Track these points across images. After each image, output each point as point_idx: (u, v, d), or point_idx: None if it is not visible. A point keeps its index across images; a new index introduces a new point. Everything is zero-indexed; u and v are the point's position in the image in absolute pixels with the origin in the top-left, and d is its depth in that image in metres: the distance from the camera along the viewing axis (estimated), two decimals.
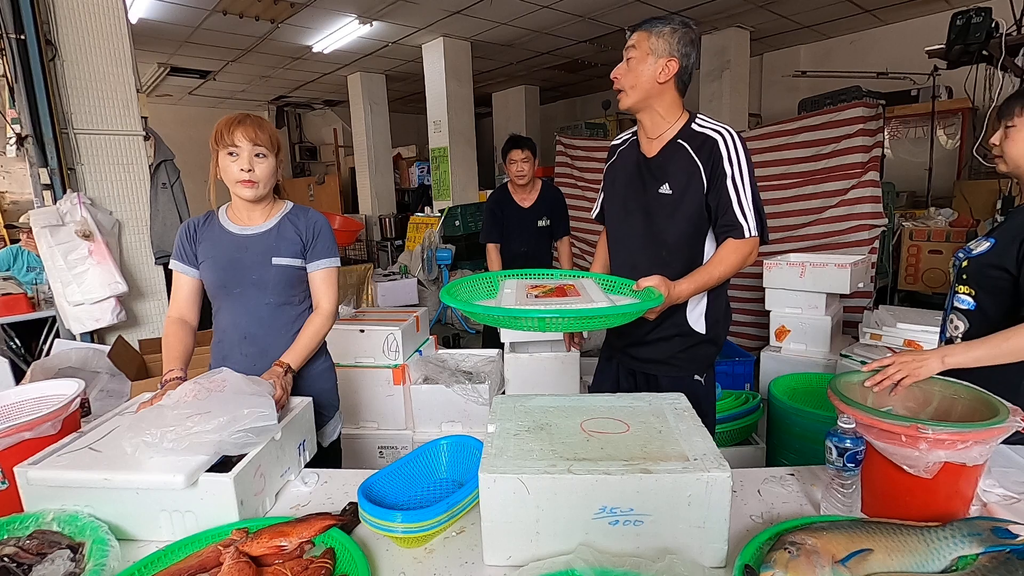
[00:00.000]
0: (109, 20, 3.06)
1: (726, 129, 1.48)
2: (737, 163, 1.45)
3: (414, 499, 1.13)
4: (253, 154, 1.45)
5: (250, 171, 1.44)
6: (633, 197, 1.58)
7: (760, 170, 3.98)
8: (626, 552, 0.88)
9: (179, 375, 1.43)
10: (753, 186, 1.46)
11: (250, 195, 1.48)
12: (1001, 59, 3.00)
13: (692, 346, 1.56)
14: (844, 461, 0.97)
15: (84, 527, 0.98)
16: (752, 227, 1.44)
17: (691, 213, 1.49)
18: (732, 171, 1.44)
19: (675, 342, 1.56)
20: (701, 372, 1.59)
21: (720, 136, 1.46)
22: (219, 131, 1.44)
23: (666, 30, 1.43)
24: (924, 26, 6.22)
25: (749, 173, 1.45)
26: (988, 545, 0.85)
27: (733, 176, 1.44)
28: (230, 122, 1.44)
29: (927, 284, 4.36)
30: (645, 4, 5.73)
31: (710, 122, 1.50)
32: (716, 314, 1.56)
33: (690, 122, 1.51)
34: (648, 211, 1.55)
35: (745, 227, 1.43)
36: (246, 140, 1.43)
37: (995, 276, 1.28)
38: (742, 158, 1.45)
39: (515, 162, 3.07)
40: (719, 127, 1.48)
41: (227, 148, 1.43)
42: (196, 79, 7.89)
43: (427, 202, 7.72)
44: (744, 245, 1.45)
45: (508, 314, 1.22)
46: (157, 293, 3.32)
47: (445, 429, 2.48)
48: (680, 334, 1.55)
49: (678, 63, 1.45)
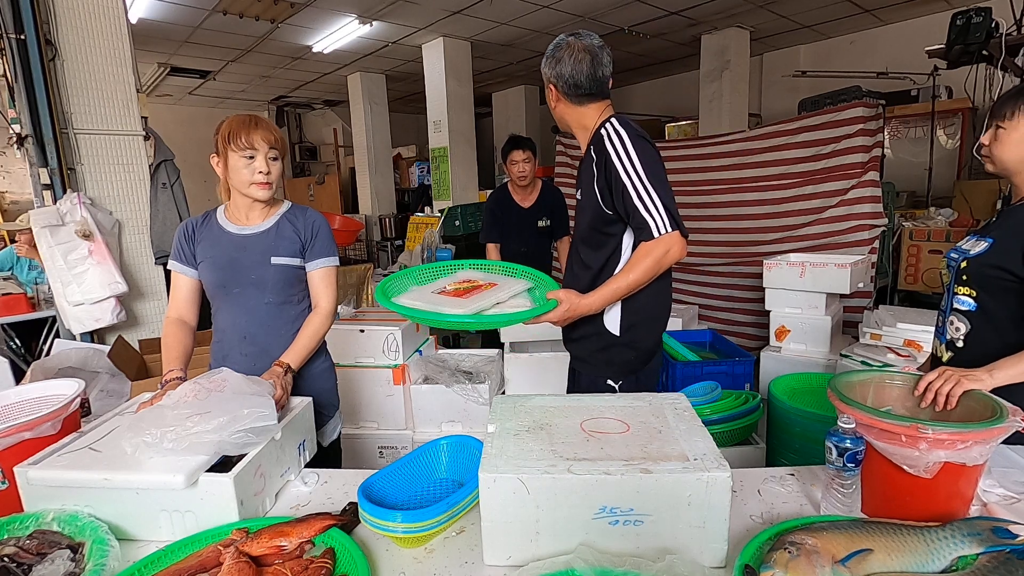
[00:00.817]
0: (109, 20, 3.06)
1: (613, 124, 1.46)
2: (628, 159, 1.41)
3: (414, 499, 1.13)
4: (268, 156, 1.46)
5: (267, 173, 1.46)
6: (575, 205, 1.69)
7: (760, 170, 3.99)
8: (626, 552, 0.88)
9: (179, 375, 1.43)
10: (654, 178, 1.40)
11: (264, 196, 1.49)
12: (1001, 59, 3.00)
13: (606, 348, 1.57)
14: (844, 461, 0.97)
15: (84, 527, 0.98)
16: (661, 224, 1.38)
17: (591, 217, 1.54)
18: (624, 167, 1.41)
19: (592, 341, 1.59)
20: (617, 378, 1.58)
21: (605, 132, 1.46)
22: (233, 133, 1.44)
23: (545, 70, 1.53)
24: (924, 26, 6.22)
25: (648, 165, 1.40)
26: (988, 545, 0.85)
27: (627, 171, 1.41)
28: (245, 124, 1.45)
29: (927, 284, 4.36)
30: (645, 4, 5.73)
31: (612, 121, 1.48)
32: (632, 318, 1.53)
33: (603, 124, 1.50)
34: (575, 216, 1.67)
35: (653, 226, 1.38)
36: (264, 143, 1.45)
37: (997, 277, 1.27)
38: (632, 151, 1.41)
39: (516, 163, 3.07)
40: (609, 124, 1.47)
41: (244, 151, 1.44)
42: (196, 79, 7.88)
43: (427, 202, 7.71)
44: (656, 245, 1.39)
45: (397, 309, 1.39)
46: (157, 293, 3.32)
47: (445, 429, 2.48)
48: (596, 333, 1.57)
49: (554, 85, 1.54)
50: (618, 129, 1.45)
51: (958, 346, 1.35)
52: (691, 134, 7.32)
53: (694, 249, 4.41)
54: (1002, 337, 1.27)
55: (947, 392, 1.09)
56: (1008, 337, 1.26)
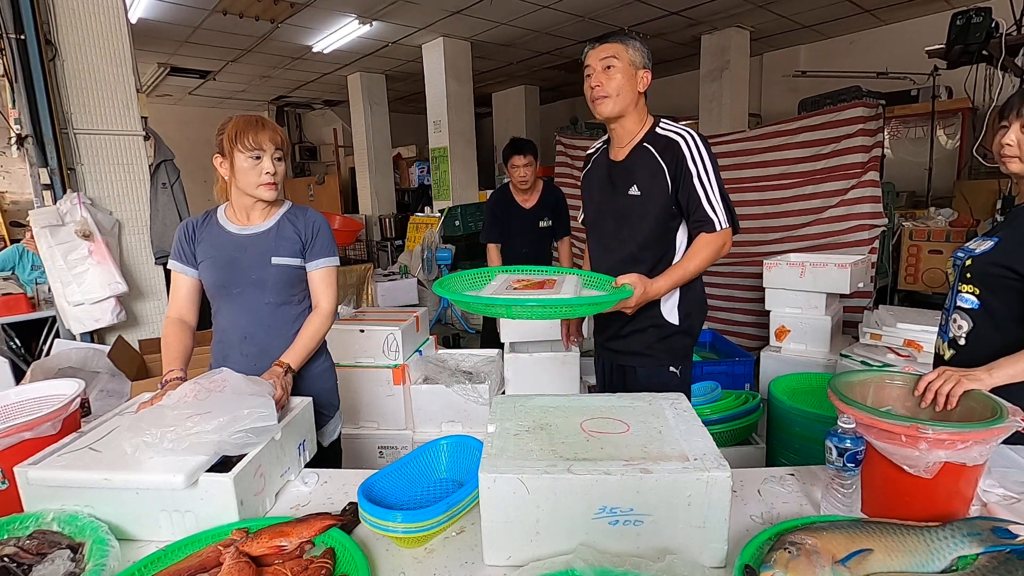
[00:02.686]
0: (109, 20, 3.06)
1: (688, 132, 1.57)
2: (701, 162, 1.53)
3: (414, 499, 1.13)
4: (275, 157, 1.47)
5: (274, 174, 1.47)
6: (605, 201, 1.69)
7: (760, 170, 3.98)
8: (626, 552, 0.88)
9: (179, 375, 1.43)
10: (719, 181, 1.55)
11: (272, 196, 1.50)
12: (1001, 59, 3.00)
13: (666, 337, 1.64)
14: (844, 461, 0.97)
15: (84, 527, 0.98)
16: (722, 220, 1.53)
17: (658, 211, 1.58)
18: (697, 169, 1.53)
19: (650, 333, 1.65)
20: (676, 364, 1.67)
21: (682, 138, 1.55)
22: (240, 133, 1.43)
23: (637, 44, 1.55)
24: (924, 26, 6.22)
25: (714, 170, 1.54)
26: (988, 545, 0.85)
27: (699, 174, 1.53)
28: (252, 125, 1.45)
29: (927, 284, 4.36)
30: (645, 4, 5.73)
31: (673, 126, 1.60)
32: (688, 306, 1.65)
33: (654, 126, 1.61)
34: (620, 212, 1.65)
35: (716, 220, 1.52)
36: (271, 143, 1.45)
37: (1001, 276, 1.27)
38: (705, 157, 1.54)
39: (517, 168, 3.06)
40: (681, 130, 1.58)
41: (251, 151, 1.44)
42: (196, 79, 7.88)
43: (427, 202, 7.71)
44: (716, 238, 1.53)
45: (482, 301, 1.34)
46: (157, 293, 3.32)
47: (445, 429, 2.48)
48: (654, 325, 1.64)
49: (650, 74, 1.59)
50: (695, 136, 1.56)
51: (960, 344, 1.35)
52: None
53: None
54: (1004, 336, 1.27)
55: (947, 392, 1.09)
56: (1010, 335, 1.26)
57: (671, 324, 1.63)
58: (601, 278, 1.57)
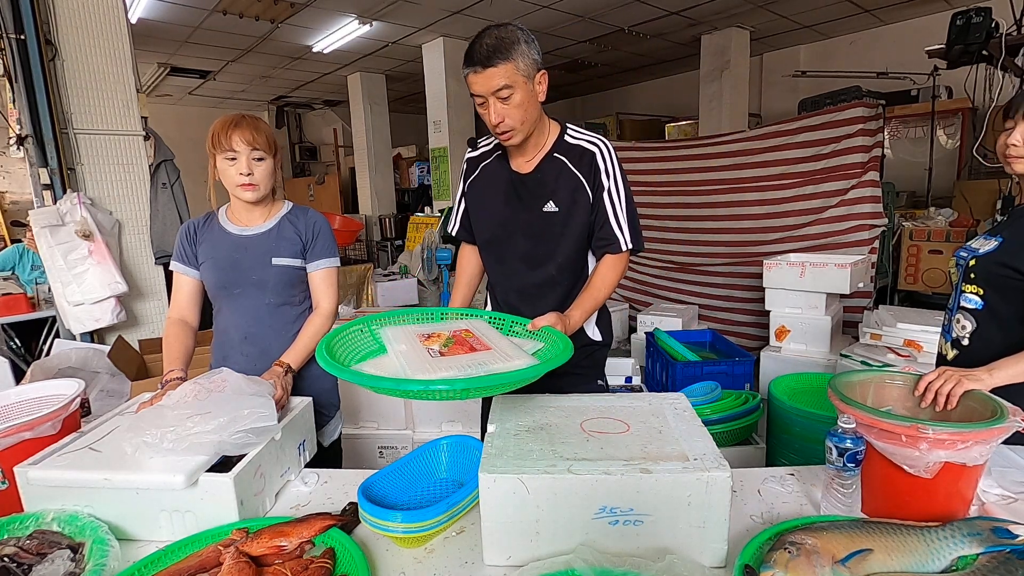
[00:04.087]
0: (109, 20, 3.06)
1: (601, 140, 1.44)
2: (613, 176, 1.41)
3: (414, 499, 1.13)
4: (252, 157, 1.44)
5: (249, 175, 1.44)
6: (511, 217, 1.49)
7: (760, 170, 3.98)
8: (626, 552, 0.88)
9: (179, 375, 1.43)
10: (628, 196, 1.43)
11: (251, 197, 1.48)
12: (1001, 59, 3.01)
13: (592, 354, 1.60)
14: (844, 461, 0.97)
15: (84, 527, 0.98)
16: (627, 240, 1.42)
17: (580, 229, 1.44)
18: (609, 184, 1.41)
19: (579, 353, 1.49)
20: (600, 376, 1.64)
21: (596, 148, 1.42)
22: (215, 135, 1.43)
23: (522, 45, 1.29)
24: (924, 26, 6.22)
25: (624, 184, 1.43)
26: (988, 545, 0.85)
27: (610, 189, 1.41)
28: (226, 125, 1.43)
29: (927, 284, 4.36)
30: (645, 4, 5.73)
31: (584, 133, 1.46)
32: (604, 320, 1.61)
33: (562, 134, 1.46)
34: (533, 231, 1.47)
35: (621, 240, 1.42)
36: (244, 143, 1.42)
37: (1006, 276, 1.27)
38: (618, 169, 1.42)
39: None
40: (594, 138, 1.44)
41: (225, 152, 1.42)
42: (196, 79, 7.89)
43: (427, 202, 7.71)
44: (620, 260, 1.44)
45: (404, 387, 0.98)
46: (157, 293, 3.32)
47: (445, 429, 2.48)
48: (582, 345, 1.52)
49: (545, 72, 1.35)
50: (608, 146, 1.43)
51: (964, 344, 1.35)
52: (691, 134, 7.33)
53: (694, 249, 4.41)
54: (1008, 336, 1.27)
55: (947, 392, 1.09)
56: (1013, 336, 1.26)
57: (596, 342, 1.58)
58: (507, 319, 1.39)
